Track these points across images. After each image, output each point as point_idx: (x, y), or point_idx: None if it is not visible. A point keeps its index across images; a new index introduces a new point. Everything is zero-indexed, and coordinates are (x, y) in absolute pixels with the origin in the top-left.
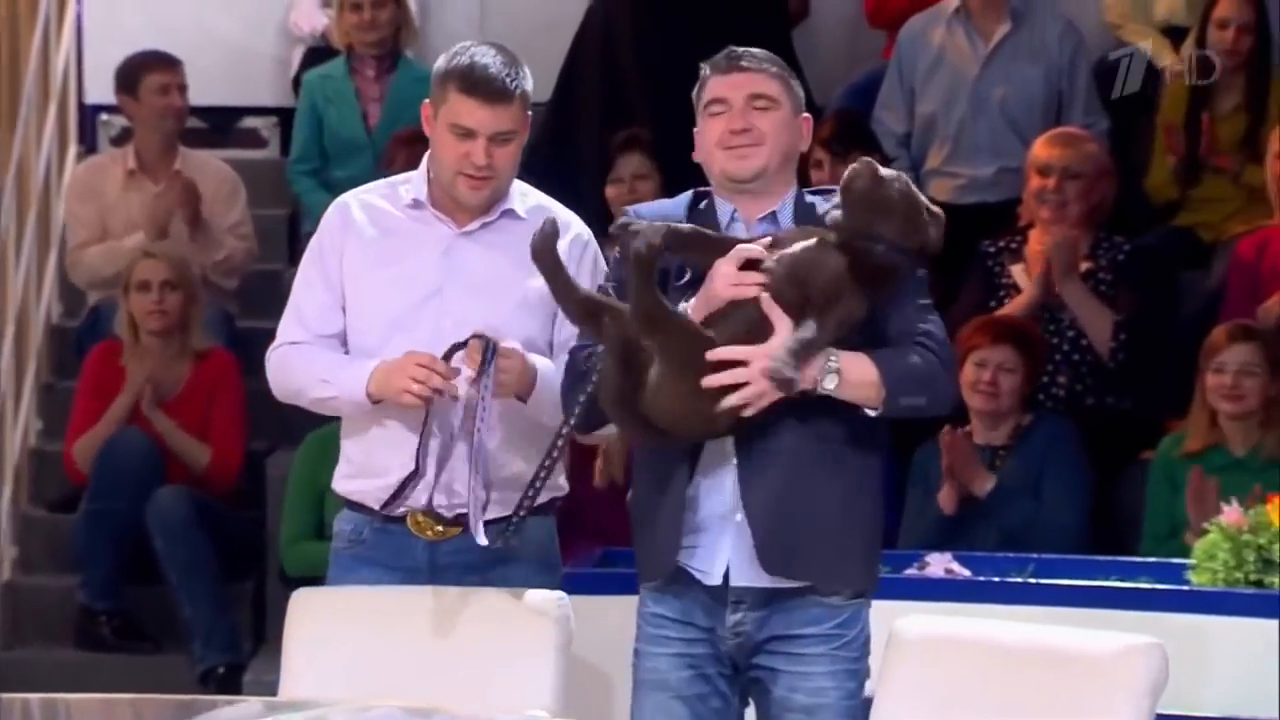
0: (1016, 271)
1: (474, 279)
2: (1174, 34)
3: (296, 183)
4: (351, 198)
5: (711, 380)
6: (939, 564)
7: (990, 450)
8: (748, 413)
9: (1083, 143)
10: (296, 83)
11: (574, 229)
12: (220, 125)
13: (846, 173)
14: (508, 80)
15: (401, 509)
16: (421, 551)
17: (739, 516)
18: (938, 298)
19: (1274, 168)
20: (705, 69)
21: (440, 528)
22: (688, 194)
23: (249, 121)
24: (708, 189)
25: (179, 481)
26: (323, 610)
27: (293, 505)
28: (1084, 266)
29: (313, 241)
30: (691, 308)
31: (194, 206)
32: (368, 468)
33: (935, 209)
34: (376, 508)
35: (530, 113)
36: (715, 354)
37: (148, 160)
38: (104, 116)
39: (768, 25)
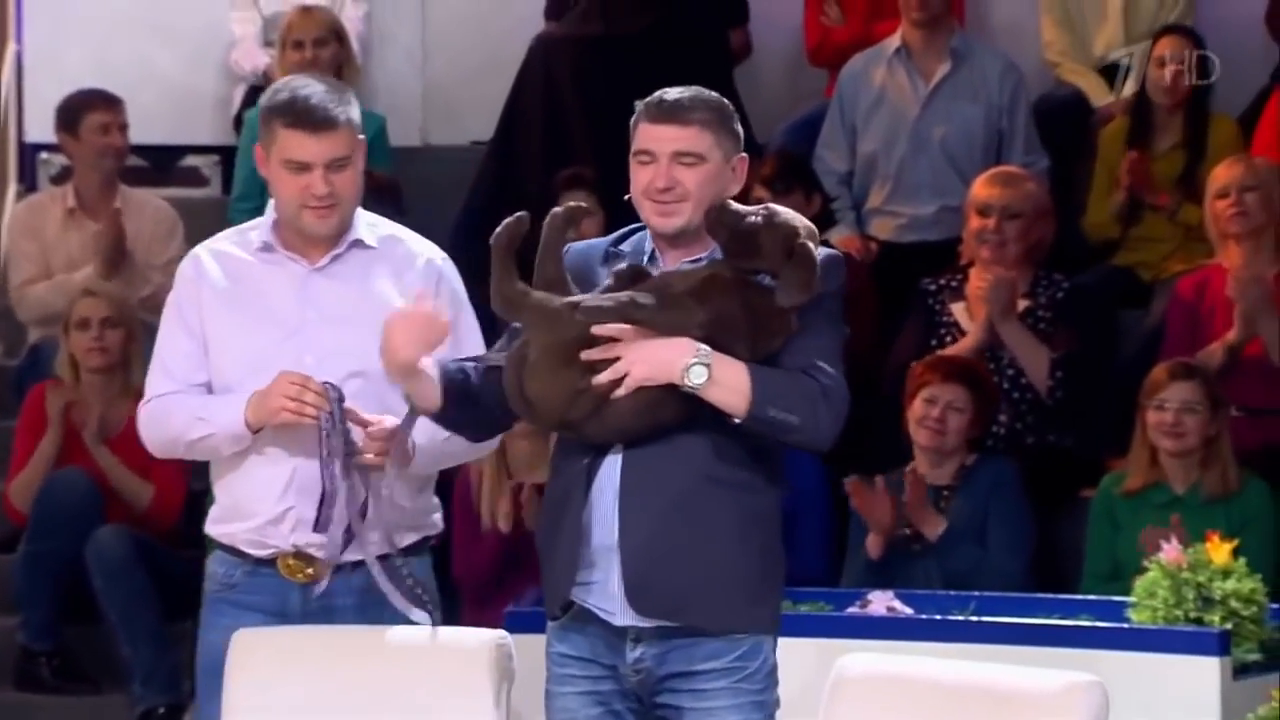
0: (957, 310)
1: (332, 312)
2: (1112, 71)
3: (238, 221)
4: (202, 249)
5: (588, 354)
6: (881, 602)
7: (934, 490)
8: (617, 393)
9: (1022, 182)
10: (238, 121)
11: (425, 255)
12: (161, 163)
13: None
14: (332, 107)
15: (291, 544)
16: (293, 595)
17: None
18: (879, 336)
19: (1213, 208)
20: (639, 108)
21: (311, 570)
22: (617, 233)
23: (190, 160)
24: (643, 226)
25: (119, 520)
26: (265, 650)
27: None
28: (1023, 304)
29: (169, 297)
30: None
31: (118, 245)
32: (237, 511)
33: (802, 247)
34: (247, 550)
35: (363, 137)
36: (596, 330)
37: (87, 199)
38: (44, 155)
39: (709, 64)
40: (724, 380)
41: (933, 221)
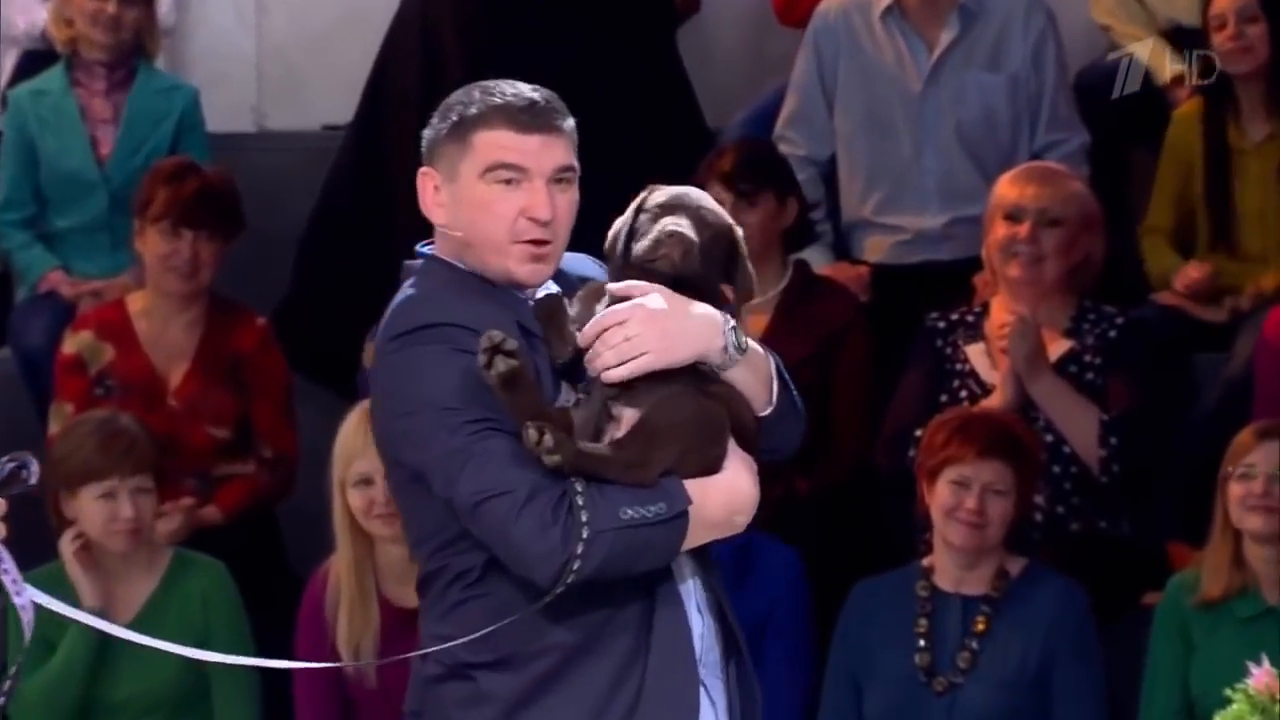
0: (973, 354)
1: None
2: (1184, 38)
3: (5, 236)
4: None
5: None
6: None
7: (964, 603)
8: (618, 373)
9: (1064, 181)
10: (6, 99)
11: None
12: None
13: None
14: None
15: None
16: None
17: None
18: (871, 392)
19: None
20: (478, 101)
21: None
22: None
23: None
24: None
25: None
26: None
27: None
28: (1063, 346)
29: None
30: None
31: None
32: None
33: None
34: None
35: None
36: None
37: None
38: None
39: (642, 21)
40: (752, 354)
41: (942, 237)
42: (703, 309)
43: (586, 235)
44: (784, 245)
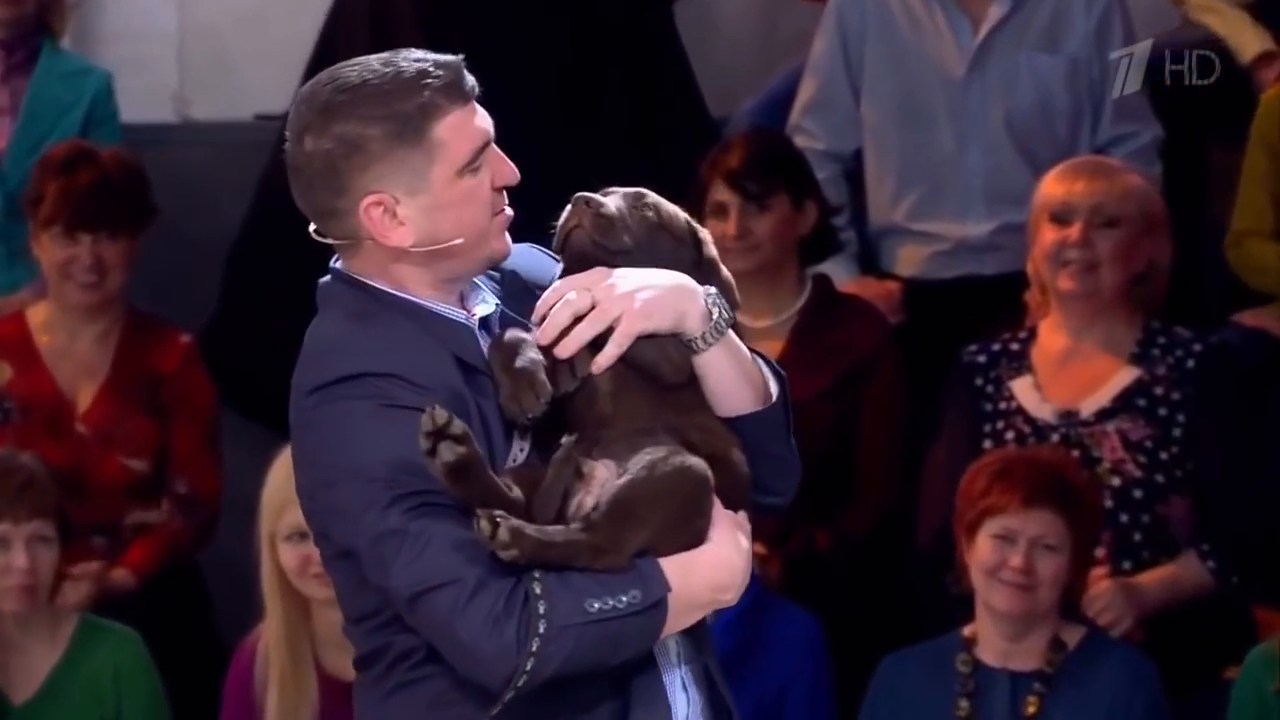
0: (1020, 388)
1: None
2: (1271, 11)
3: None
4: None
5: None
6: None
7: (1013, 679)
8: (601, 362)
9: (1120, 175)
10: None
11: None
12: None
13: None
14: None
15: None
16: None
17: None
18: (903, 435)
19: None
20: (407, 87)
21: None
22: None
23: None
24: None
25: None
26: None
27: None
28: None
29: None
30: None
31: None
32: None
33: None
34: None
35: None
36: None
37: None
38: None
39: None
40: (732, 340)
41: (987, 247)
42: (670, 273)
43: None
44: (801, 257)
